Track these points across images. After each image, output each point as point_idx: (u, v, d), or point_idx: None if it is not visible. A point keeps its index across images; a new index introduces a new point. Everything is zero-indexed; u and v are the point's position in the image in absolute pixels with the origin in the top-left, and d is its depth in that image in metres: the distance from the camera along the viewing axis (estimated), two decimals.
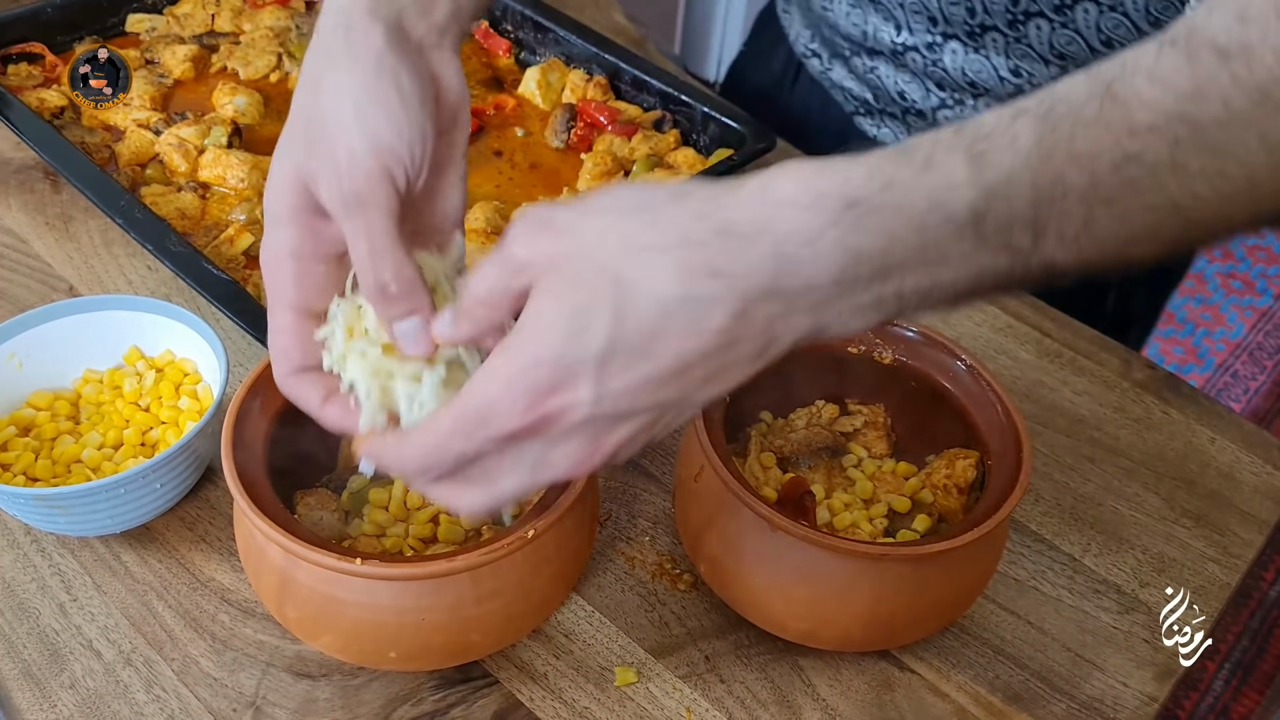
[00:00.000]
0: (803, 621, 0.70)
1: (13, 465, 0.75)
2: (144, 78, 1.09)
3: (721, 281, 0.48)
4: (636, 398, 0.50)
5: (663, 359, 0.49)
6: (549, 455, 0.53)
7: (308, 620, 0.65)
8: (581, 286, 0.49)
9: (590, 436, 0.52)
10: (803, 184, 0.48)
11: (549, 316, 0.50)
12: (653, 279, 0.48)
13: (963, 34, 1.00)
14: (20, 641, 0.71)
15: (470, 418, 0.51)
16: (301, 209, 0.58)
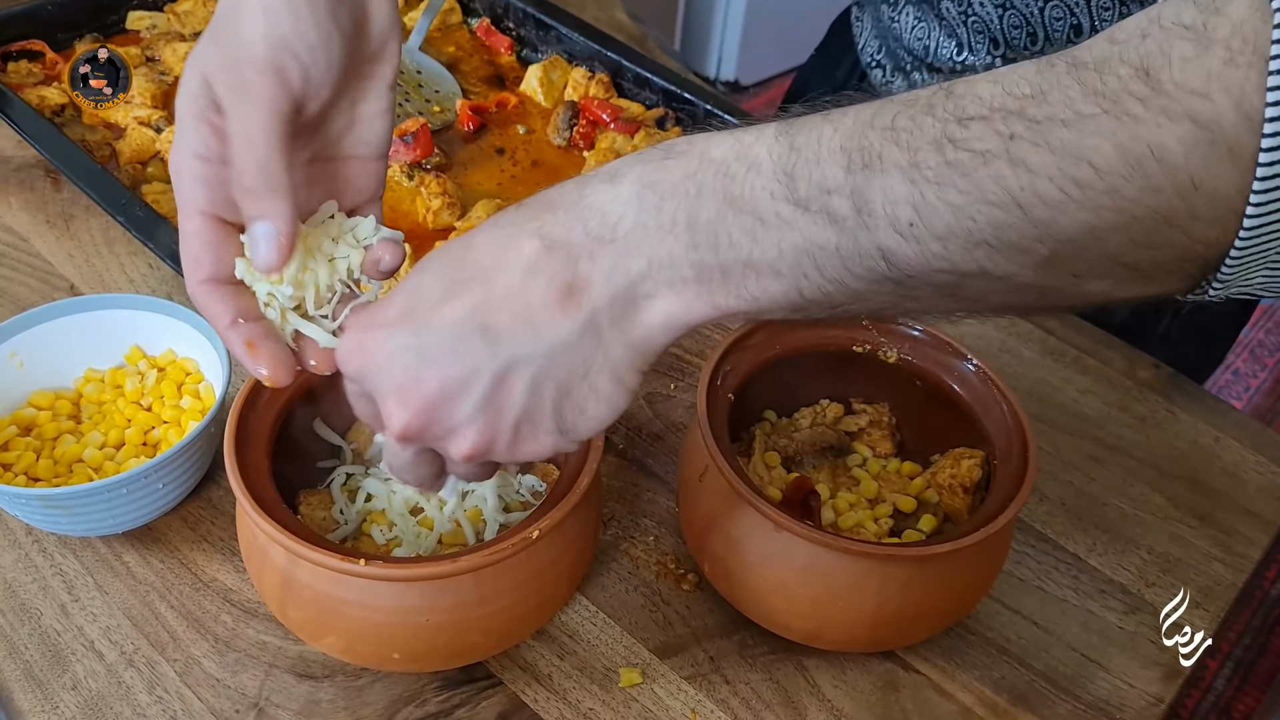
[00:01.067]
0: (807, 622, 0.70)
1: (14, 465, 0.74)
2: (145, 75, 1.09)
3: (541, 213, 0.50)
4: (441, 332, 0.50)
5: (468, 289, 0.50)
6: (376, 403, 0.54)
7: (310, 621, 0.65)
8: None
9: (399, 375, 0.52)
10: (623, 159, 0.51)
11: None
12: (480, 228, 0.52)
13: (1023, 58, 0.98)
14: (22, 642, 0.71)
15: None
16: (206, 109, 0.56)
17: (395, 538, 0.71)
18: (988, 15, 0.97)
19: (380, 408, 0.54)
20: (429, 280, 0.52)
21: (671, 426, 0.88)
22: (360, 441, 0.77)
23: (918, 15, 1.05)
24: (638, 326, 0.50)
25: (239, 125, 0.54)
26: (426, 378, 0.51)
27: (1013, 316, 0.82)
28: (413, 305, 0.51)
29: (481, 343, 0.50)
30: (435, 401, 0.51)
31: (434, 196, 0.98)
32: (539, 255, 0.49)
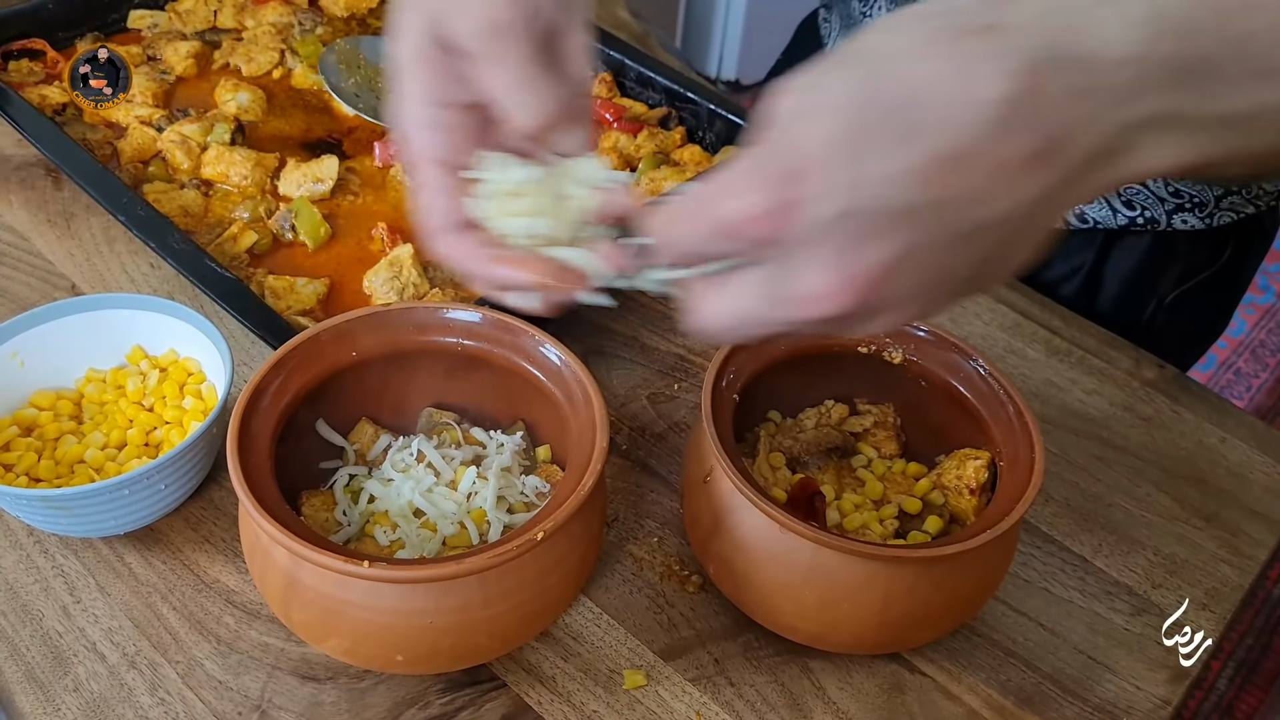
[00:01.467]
0: (813, 624, 0.69)
1: (15, 465, 0.74)
2: (146, 74, 1.08)
3: (994, 37, 0.40)
4: (891, 193, 0.41)
5: (920, 140, 0.40)
6: (791, 274, 0.44)
7: (313, 623, 0.65)
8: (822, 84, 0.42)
9: (838, 247, 0.42)
10: None
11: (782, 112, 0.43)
12: (906, 45, 0.41)
13: None
14: (23, 644, 0.70)
15: (699, 199, 0.45)
16: (433, 52, 0.54)
17: (399, 539, 0.70)
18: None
19: (793, 285, 0.44)
20: (843, 128, 0.41)
21: (675, 426, 0.88)
22: (362, 442, 0.77)
23: (891, 9, 1.04)
24: (1109, 177, 0.43)
25: (509, 62, 0.52)
26: (870, 251, 0.42)
27: None
28: (832, 155, 0.41)
29: (940, 209, 0.41)
30: (878, 280, 0.43)
31: None
32: (1011, 105, 0.40)
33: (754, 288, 0.46)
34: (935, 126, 0.40)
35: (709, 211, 0.45)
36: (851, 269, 0.42)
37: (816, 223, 0.42)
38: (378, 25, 1.22)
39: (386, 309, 0.73)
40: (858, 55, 0.43)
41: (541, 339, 0.73)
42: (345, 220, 0.98)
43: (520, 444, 0.77)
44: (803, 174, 0.41)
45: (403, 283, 0.89)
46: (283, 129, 1.07)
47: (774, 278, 0.45)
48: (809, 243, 0.43)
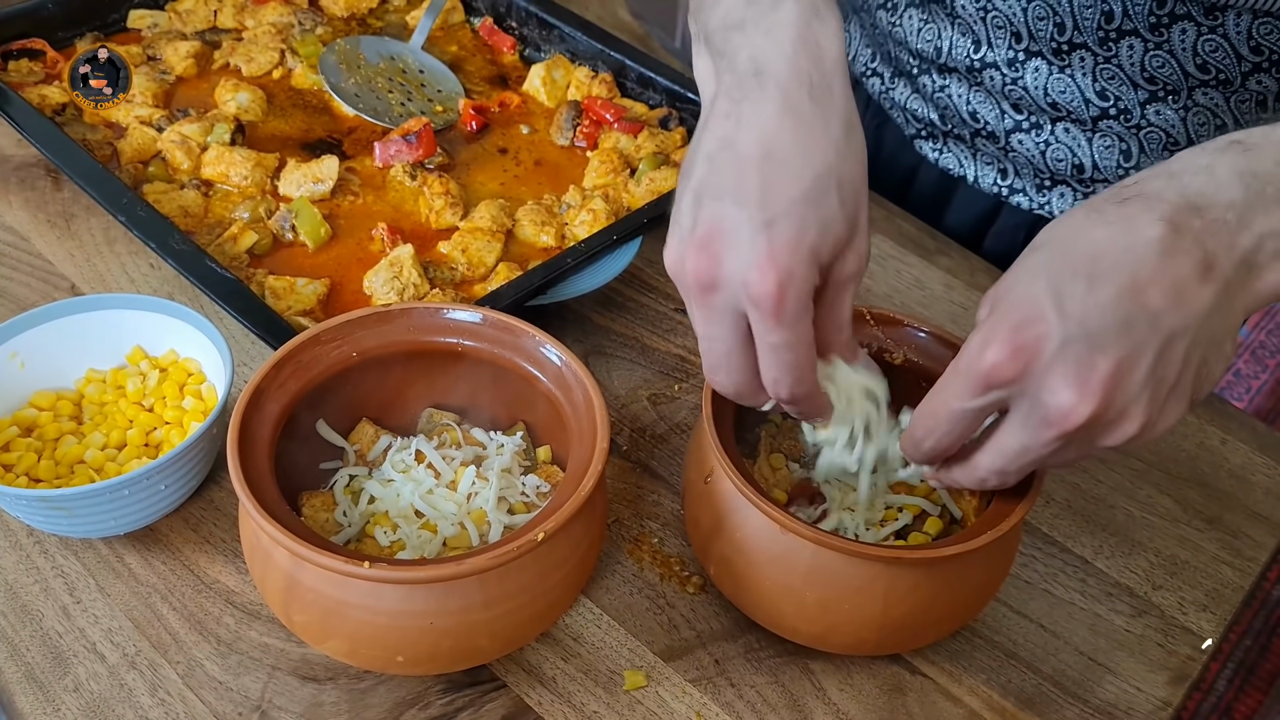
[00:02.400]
0: (814, 625, 0.69)
1: (15, 466, 0.74)
2: (146, 74, 1.08)
3: (1136, 202, 0.55)
4: (1101, 316, 0.53)
5: (1111, 276, 0.53)
6: (1041, 400, 0.55)
7: (314, 624, 0.65)
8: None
9: (1073, 363, 0.54)
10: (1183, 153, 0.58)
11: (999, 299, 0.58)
12: (1074, 225, 0.56)
13: (1048, 51, 0.97)
14: (23, 644, 0.70)
15: (960, 370, 0.57)
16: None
17: (399, 540, 0.70)
18: (1010, 10, 0.96)
19: (1045, 406, 0.55)
20: (1049, 285, 0.55)
21: (675, 428, 0.88)
22: (363, 443, 0.77)
23: (924, 17, 1.04)
24: (1252, 293, 0.56)
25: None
26: (1099, 362, 0.53)
27: None
28: (1046, 303, 0.54)
29: (1142, 322, 0.53)
30: (1111, 383, 0.54)
31: (436, 196, 0.97)
32: (1169, 238, 0.53)
33: (1014, 427, 0.58)
34: (1117, 266, 0.53)
35: (971, 370, 0.57)
36: (1086, 376, 0.53)
37: (1051, 352, 0.54)
38: (378, 25, 1.22)
39: (387, 309, 0.73)
40: (1039, 244, 0.57)
41: (542, 340, 0.72)
42: (345, 220, 0.98)
43: (520, 444, 0.77)
44: (1030, 320, 0.54)
45: (403, 283, 0.89)
46: (283, 129, 1.07)
47: (1028, 411, 0.56)
48: (1050, 369, 0.54)
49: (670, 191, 0.97)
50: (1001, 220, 1.13)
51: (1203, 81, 0.94)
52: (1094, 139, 1.01)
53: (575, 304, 0.94)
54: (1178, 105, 0.97)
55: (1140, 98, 0.97)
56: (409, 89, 1.12)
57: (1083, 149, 1.02)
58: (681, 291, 0.62)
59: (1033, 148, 1.04)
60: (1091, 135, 1.01)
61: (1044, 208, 1.09)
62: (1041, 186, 1.08)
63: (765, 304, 0.57)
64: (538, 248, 0.97)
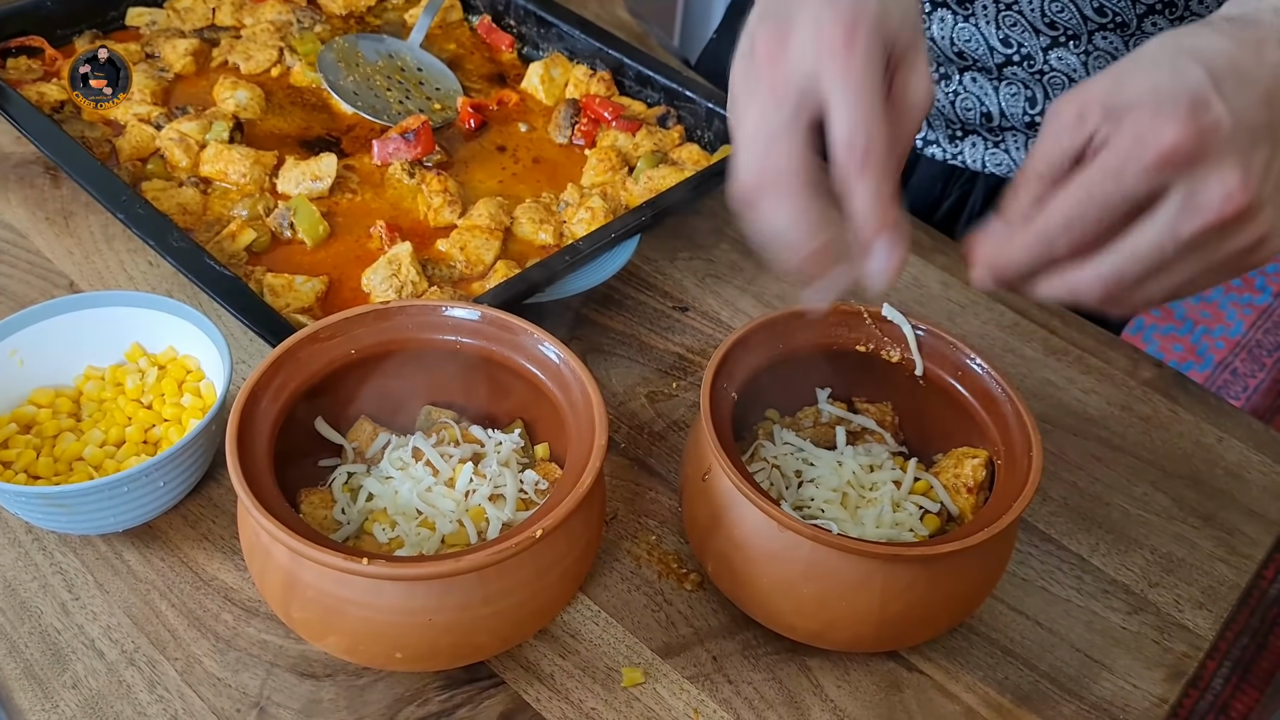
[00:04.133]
0: (811, 621, 0.69)
1: (14, 463, 0.74)
2: (144, 72, 1.08)
3: (1251, 29, 0.57)
4: (1255, 114, 0.54)
5: (1255, 80, 0.55)
6: (1203, 185, 0.54)
7: (314, 621, 0.65)
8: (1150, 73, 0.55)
9: (1241, 150, 0.54)
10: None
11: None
12: (1191, 35, 0.57)
13: (953, 1, 0.99)
14: (22, 641, 0.70)
15: (1126, 147, 0.54)
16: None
17: (398, 537, 0.70)
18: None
19: (1209, 191, 0.54)
20: (1205, 75, 0.54)
21: (673, 425, 0.88)
22: (361, 440, 0.77)
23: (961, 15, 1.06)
24: None
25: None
26: (1257, 155, 0.54)
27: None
28: (1210, 92, 0.54)
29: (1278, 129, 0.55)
30: (1263, 177, 0.55)
31: (435, 194, 0.98)
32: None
33: (1160, 218, 0.55)
34: (1256, 74, 0.55)
35: (1147, 151, 0.53)
36: (1249, 165, 0.54)
37: (1225, 136, 0.53)
38: (376, 23, 1.22)
39: (386, 306, 0.74)
40: (1155, 48, 0.56)
41: (541, 337, 0.73)
42: (344, 218, 0.98)
43: (518, 442, 0.77)
44: (1203, 104, 0.53)
45: (401, 280, 0.89)
46: (281, 127, 1.07)
47: (1184, 199, 0.54)
48: (1223, 152, 0.53)
49: (669, 189, 0.97)
50: (919, 172, 1.16)
51: (1101, 25, 0.98)
52: (1000, 87, 1.05)
53: (574, 301, 0.94)
54: (1078, 50, 1.00)
55: (1042, 44, 1.00)
56: (407, 87, 1.12)
57: (990, 97, 1.06)
58: (745, 85, 0.60)
59: (942, 98, 1.08)
60: (998, 83, 1.05)
61: (956, 158, 1.12)
62: (953, 137, 1.11)
63: (838, 41, 0.56)
64: (536, 245, 0.97)
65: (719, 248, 1.04)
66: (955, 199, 1.15)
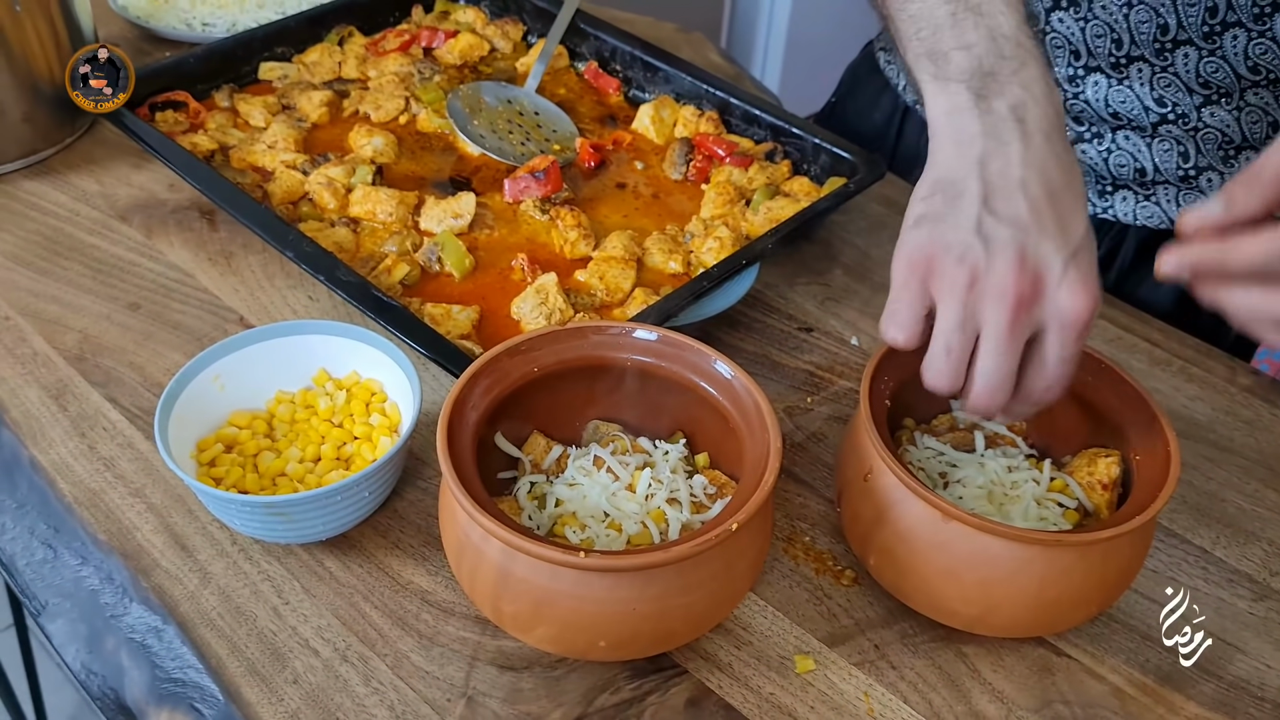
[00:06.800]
0: (973, 606, 0.75)
1: (224, 479, 0.80)
2: (284, 122, 1.15)
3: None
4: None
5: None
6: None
7: (524, 614, 0.70)
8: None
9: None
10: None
11: None
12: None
13: (1107, 66, 1.04)
14: (241, 642, 0.76)
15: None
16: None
17: (588, 538, 0.76)
18: (1068, 30, 1.03)
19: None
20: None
21: (812, 437, 0.94)
22: (536, 453, 0.83)
23: None
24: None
25: None
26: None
27: None
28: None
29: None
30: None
31: (570, 229, 1.04)
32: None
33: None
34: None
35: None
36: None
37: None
38: (488, 72, 1.30)
39: (581, 326, 0.80)
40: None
41: (713, 355, 0.79)
42: (484, 252, 1.05)
43: (683, 452, 0.83)
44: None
45: (549, 308, 0.96)
46: (414, 170, 1.14)
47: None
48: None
49: (791, 218, 1.03)
50: None
51: (1254, 83, 1.03)
52: (1154, 144, 1.09)
53: (705, 326, 1.00)
54: (1231, 106, 1.04)
55: (1196, 102, 1.04)
56: (527, 130, 1.20)
57: (1143, 154, 1.10)
58: (982, 302, 0.69)
59: (1095, 156, 1.13)
60: (1151, 140, 1.09)
61: (1108, 211, 1.17)
62: (1104, 192, 1.16)
63: (1079, 324, 0.67)
64: (667, 274, 1.03)
65: (833, 273, 1.10)
66: (1105, 251, 1.19)
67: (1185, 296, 1.11)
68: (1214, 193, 1.06)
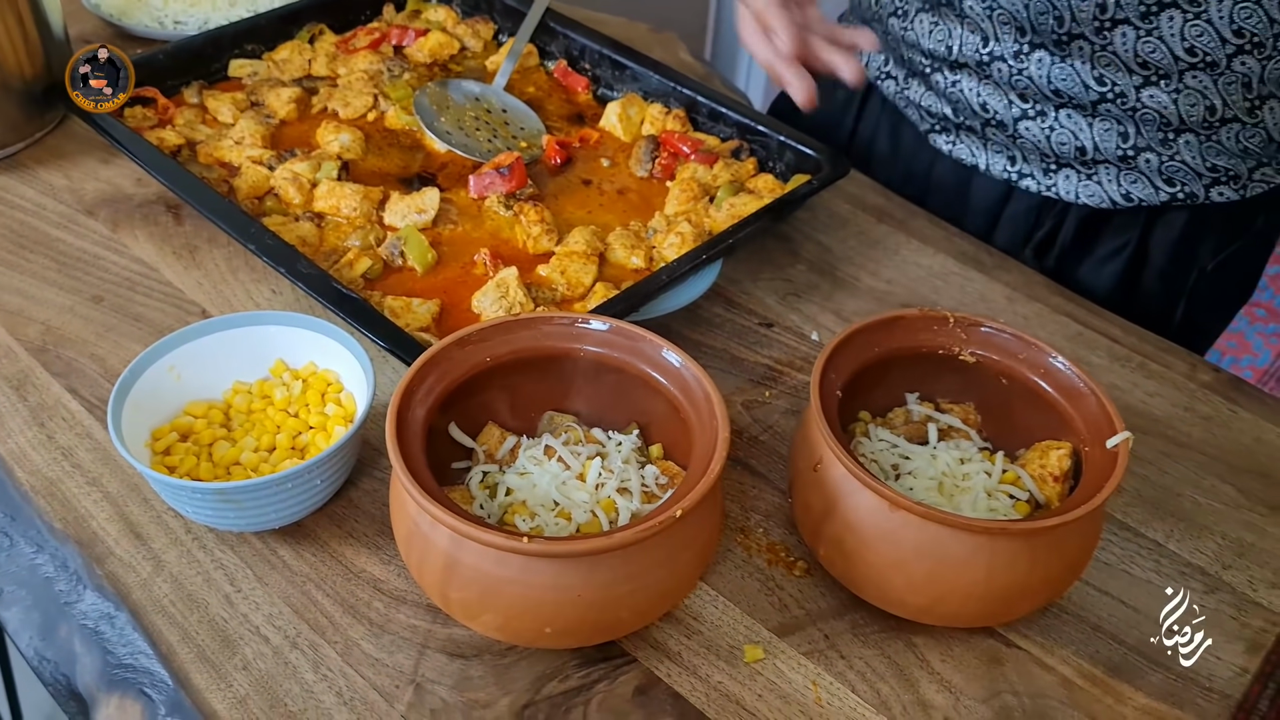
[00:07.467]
0: (921, 596, 0.75)
1: (178, 467, 0.80)
2: (252, 118, 1.16)
3: None
4: None
5: None
6: None
7: (472, 601, 0.71)
8: None
9: None
10: None
11: None
12: None
13: (1050, 43, 1.06)
14: (193, 629, 0.77)
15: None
16: None
17: (537, 527, 0.76)
18: (1013, 6, 1.05)
19: None
20: None
21: (769, 430, 0.94)
22: (490, 443, 0.83)
23: (934, 20, 1.14)
24: None
25: None
26: None
27: None
28: None
29: None
30: None
31: (533, 224, 1.05)
32: None
33: None
34: None
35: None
36: None
37: None
38: (458, 70, 1.30)
39: (531, 316, 0.81)
40: None
41: (661, 344, 0.79)
42: (447, 247, 1.05)
43: (636, 442, 0.83)
44: None
45: (510, 301, 0.96)
46: (381, 166, 1.15)
47: None
48: None
49: (753, 214, 1.04)
50: (1013, 205, 1.23)
51: (1191, 65, 1.04)
52: (1094, 123, 1.11)
53: (666, 320, 1.00)
54: (1169, 88, 1.06)
55: (1135, 82, 1.06)
56: (494, 127, 1.20)
57: (1084, 132, 1.12)
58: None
59: (1039, 134, 1.14)
60: (1092, 119, 1.11)
61: (1051, 189, 1.19)
62: (1048, 170, 1.18)
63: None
64: (629, 269, 1.04)
65: (795, 268, 1.11)
66: (1049, 229, 1.21)
67: (1126, 278, 1.15)
68: (1153, 174, 1.11)
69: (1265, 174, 1.14)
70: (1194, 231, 1.17)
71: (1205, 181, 1.13)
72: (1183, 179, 1.12)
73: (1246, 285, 1.29)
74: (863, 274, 1.11)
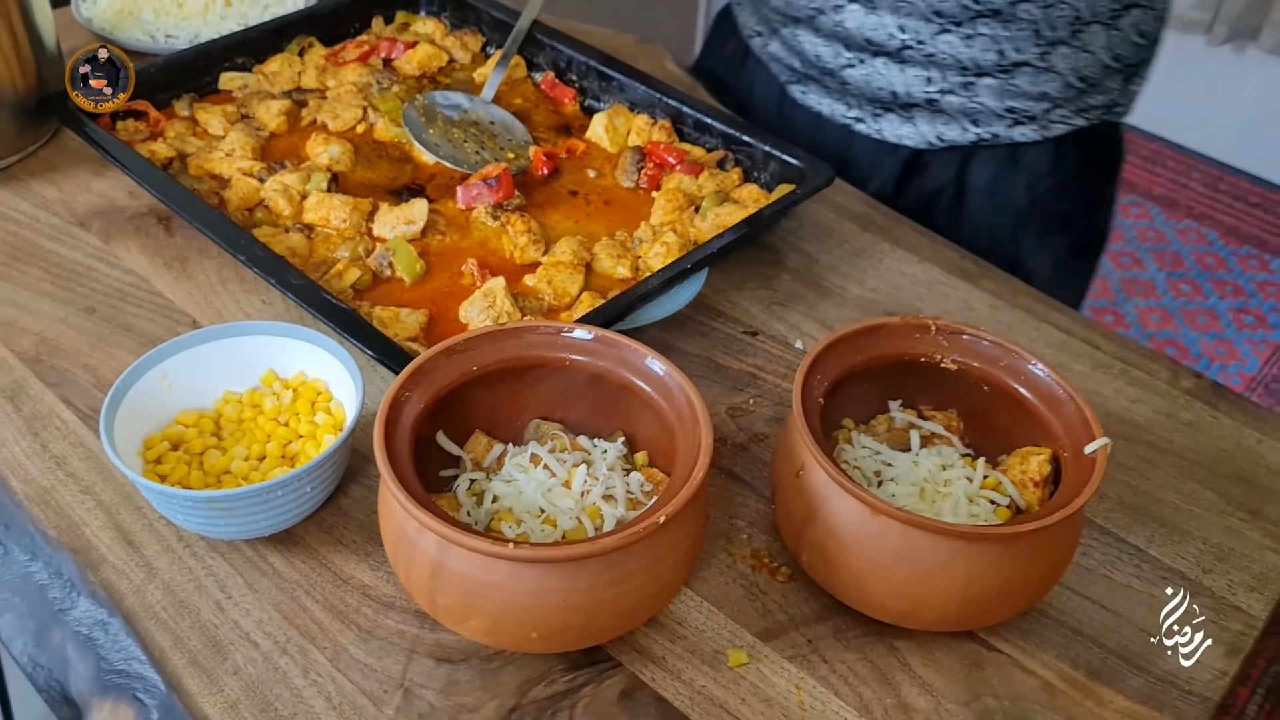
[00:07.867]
0: (903, 601, 0.76)
1: (169, 476, 0.81)
2: (242, 130, 1.17)
3: None
4: None
5: None
6: None
7: (457, 606, 0.72)
8: None
9: None
10: None
11: None
12: None
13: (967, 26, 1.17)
14: (184, 634, 0.78)
15: None
16: None
17: (523, 533, 0.77)
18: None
19: None
20: None
21: (754, 437, 0.95)
22: (477, 452, 0.84)
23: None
24: None
25: None
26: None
27: None
28: None
29: None
30: None
31: (520, 234, 1.06)
32: None
33: None
34: None
35: None
36: None
37: None
38: (446, 82, 1.31)
39: (518, 325, 0.82)
40: None
41: (645, 353, 0.80)
42: (435, 258, 1.06)
43: (622, 450, 0.84)
44: None
45: (497, 311, 0.97)
46: (370, 178, 1.16)
47: None
48: None
49: (738, 223, 1.05)
50: (855, 147, 1.33)
51: (978, 13, 1.15)
52: (904, 69, 1.22)
53: (652, 329, 1.02)
54: (963, 35, 1.17)
55: (933, 30, 1.18)
56: (482, 139, 1.21)
57: (896, 79, 1.25)
58: None
59: (860, 80, 1.26)
60: (901, 66, 1.22)
61: (880, 133, 1.30)
62: (875, 114, 1.29)
63: None
64: (615, 279, 1.05)
65: (780, 278, 1.12)
66: (890, 171, 1.34)
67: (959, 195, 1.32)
68: (958, 114, 1.24)
69: (1062, 114, 1.26)
70: (1005, 171, 1.29)
71: (1006, 123, 1.25)
72: (986, 121, 1.24)
73: (1094, 234, 1.39)
74: (847, 283, 1.12)
